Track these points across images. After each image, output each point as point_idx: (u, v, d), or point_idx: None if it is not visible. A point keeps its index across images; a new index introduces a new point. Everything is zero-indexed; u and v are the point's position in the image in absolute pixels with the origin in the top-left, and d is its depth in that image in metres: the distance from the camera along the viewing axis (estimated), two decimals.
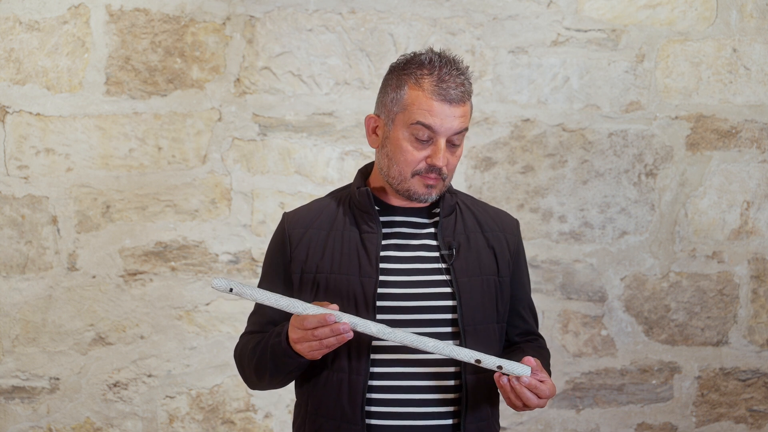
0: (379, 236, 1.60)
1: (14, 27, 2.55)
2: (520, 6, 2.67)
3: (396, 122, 1.58)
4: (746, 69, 2.74)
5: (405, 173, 1.57)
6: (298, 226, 1.65)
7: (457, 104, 1.54)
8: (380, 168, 1.63)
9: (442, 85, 1.54)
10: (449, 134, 1.55)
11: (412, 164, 1.56)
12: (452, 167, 1.59)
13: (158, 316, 2.60)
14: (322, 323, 1.45)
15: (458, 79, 1.55)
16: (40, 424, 2.59)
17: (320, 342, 1.47)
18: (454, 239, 1.62)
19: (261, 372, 1.60)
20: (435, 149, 1.55)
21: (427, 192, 1.58)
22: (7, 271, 2.57)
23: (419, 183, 1.57)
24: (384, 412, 1.56)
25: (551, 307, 2.69)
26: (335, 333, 1.45)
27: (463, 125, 1.57)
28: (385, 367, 1.56)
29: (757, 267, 2.77)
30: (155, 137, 2.59)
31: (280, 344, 1.53)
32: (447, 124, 1.54)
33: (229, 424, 2.63)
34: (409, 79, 1.57)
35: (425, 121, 1.54)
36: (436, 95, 1.54)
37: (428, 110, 1.54)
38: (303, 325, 1.47)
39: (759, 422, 2.78)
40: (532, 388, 1.49)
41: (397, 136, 1.58)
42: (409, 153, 1.56)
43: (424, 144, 1.56)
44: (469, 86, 1.58)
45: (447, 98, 1.54)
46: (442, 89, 1.54)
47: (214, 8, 2.60)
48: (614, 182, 2.71)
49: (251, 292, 1.50)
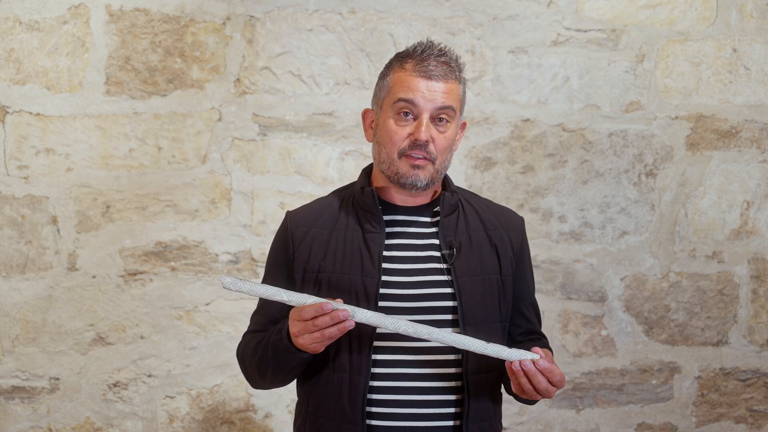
0: (382, 236, 1.60)
1: (14, 27, 2.55)
2: (520, 6, 2.67)
3: (383, 107, 1.61)
4: (746, 69, 2.74)
5: (392, 154, 1.58)
6: (301, 224, 1.65)
7: (438, 79, 1.56)
8: (375, 159, 1.64)
9: (422, 63, 1.57)
10: (431, 109, 1.56)
11: (397, 143, 1.57)
12: (441, 148, 1.59)
13: (158, 316, 2.60)
14: (320, 312, 1.45)
15: (440, 58, 1.58)
16: (40, 424, 2.59)
17: (321, 332, 1.46)
18: (455, 239, 1.62)
19: (263, 370, 1.60)
20: (417, 123, 1.56)
21: (415, 174, 1.57)
22: (7, 271, 2.57)
23: (406, 164, 1.58)
24: (385, 413, 1.56)
25: (551, 307, 2.69)
26: (335, 320, 1.45)
27: (447, 102, 1.57)
28: (387, 368, 1.56)
29: (757, 267, 2.77)
30: (155, 137, 2.59)
31: (281, 341, 1.53)
32: (428, 98, 1.55)
33: (229, 424, 2.63)
34: (394, 65, 1.61)
35: (405, 96, 1.56)
36: (416, 72, 1.57)
37: (408, 86, 1.56)
38: (301, 315, 1.46)
39: (759, 422, 2.78)
40: (546, 372, 1.49)
41: (384, 120, 1.60)
42: (393, 132, 1.58)
43: (408, 121, 1.57)
44: (455, 67, 1.60)
45: (427, 74, 1.56)
46: (423, 66, 1.57)
47: (214, 8, 2.60)
48: (614, 182, 2.71)
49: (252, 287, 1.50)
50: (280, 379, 1.62)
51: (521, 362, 1.47)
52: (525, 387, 1.50)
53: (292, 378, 1.64)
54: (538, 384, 1.49)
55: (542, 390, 1.50)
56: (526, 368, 1.47)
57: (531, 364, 1.47)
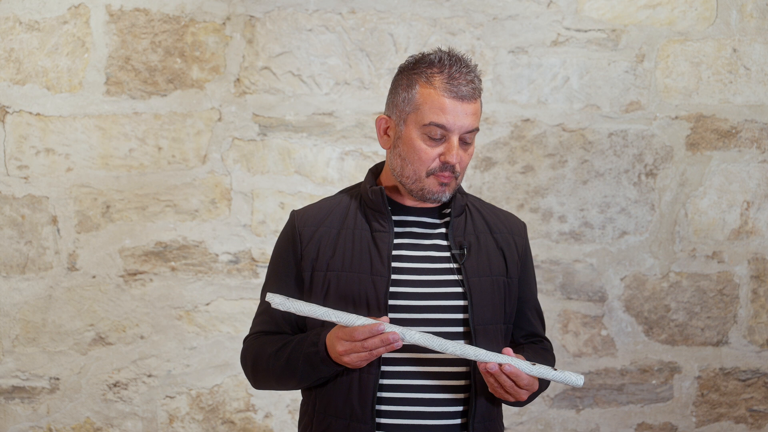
0: (391, 235, 1.60)
1: (14, 27, 2.55)
2: (520, 6, 2.67)
3: (408, 122, 1.59)
4: (746, 69, 2.74)
5: (420, 172, 1.58)
6: (308, 224, 1.65)
7: (468, 101, 1.56)
8: (393, 168, 1.63)
9: (453, 82, 1.55)
10: (462, 132, 1.56)
11: (426, 163, 1.57)
12: (464, 165, 1.60)
13: (158, 316, 2.60)
14: (372, 334, 1.47)
15: (468, 76, 1.56)
16: (40, 424, 2.59)
17: (370, 353, 1.48)
18: (464, 239, 1.63)
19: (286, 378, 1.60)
20: (448, 146, 1.56)
21: (441, 191, 1.59)
22: (7, 271, 2.57)
23: (434, 182, 1.58)
24: (393, 411, 1.56)
25: (551, 307, 2.69)
26: (385, 343, 1.47)
27: (475, 123, 1.58)
28: (396, 366, 1.57)
29: (757, 267, 2.77)
30: (155, 137, 2.59)
31: (317, 354, 1.53)
32: (459, 122, 1.55)
33: (229, 424, 2.63)
34: (419, 78, 1.58)
35: (438, 121, 1.55)
36: (447, 92, 1.55)
37: (440, 108, 1.55)
38: (353, 336, 1.48)
39: (759, 422, 2.78)
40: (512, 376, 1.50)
41: (410, 136, 1.58)
42: (423, 152, 1.57)
43: (437, 142, 1.57)
44: (479, 84, 1.59)
45: (459, 95, 1.55)
46: (453, 86, 1.55)
47: (214, 8, 2.60)
48: (614, 182, 2.71)
49: (301, 307, 1.52)
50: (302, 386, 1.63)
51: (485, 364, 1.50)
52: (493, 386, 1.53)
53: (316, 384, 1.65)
54: (504, 383, 1.51)
55: (508, 388, 1.52)
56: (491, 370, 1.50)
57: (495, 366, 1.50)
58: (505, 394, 1.53)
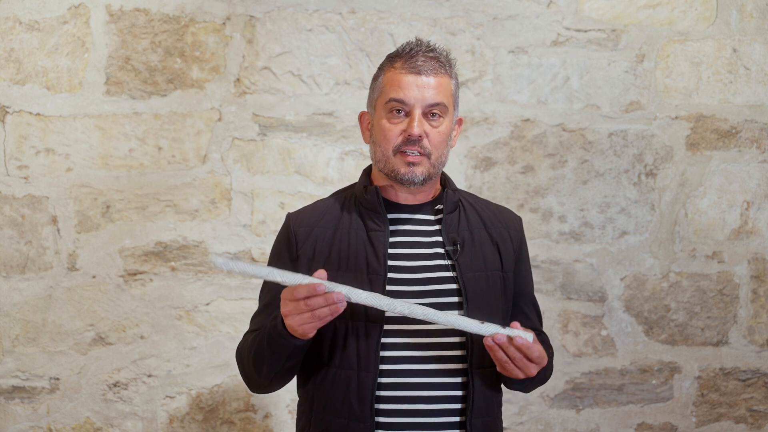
0: (386, 234, 1.61)
1: (14, 27, 2.55)
2: (520, 6, 2.67)
3: (377, 107, 1.63)
4: (746, 69, 2.74)
5: (387, 151, 1.60)
6: (303, 225, 1.66)
7: (427, 74, 1.59)
8: (372, 160, 1.66)
9: (410, 60, 1.59)
10: (423, 105, 1.59)
11: (391, 140, 1.60)
12: (435, 142, 1.61)
13: (158, 316, 2.60)
14: (313, 292, 1.43)
15: (428, 54, 1.60)
16: (40, 424, 2.59)
17: (312, 314, 1.44)
18: (458, 235, 1.64)
19: (259, 363, 1.59)
20: (410, 119, 1.59)
21: (410, 170, 1.60)
22: (7, 271, 2.57)
23: (401, 161, 1.60)
24: (392, 409, 1.57)
25: (551, 307, 2.69)
26: (329, 302, 1.43)
27: (437, 98, 1.59)
28: (394, 364, 1.57)
29: (757, 267, 2.77)
30: (155, 137, 2.59)
31: (276, 326, 1.52)
32: (418, 94, 1.58)
33: (229, 424, 2.63)
34: (385, 66, 1.64)
35: (396, 95, 1.58)
36: (405, 69, 1.59)
37: (398, 84, 1.59)
38: (293, 295, 1.44)
39: (759, 422, 2.78)
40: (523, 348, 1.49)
41: (378, 119, 1.62)
42: (387, 130, 1.60)
43: (401, 118, 1.60)
44: (445, 62, 1.62)
45: (416, 70, 1.58)
46: (411, 63, 1.59)
47: (214, 8, 2.60)
48: (614, 182, 2.71)
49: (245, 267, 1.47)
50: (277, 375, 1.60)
51: (493, 335, 1.48)
52: (501, 359, 1.51)
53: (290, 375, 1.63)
54: (513, 354, 1.49)
55: (517, 361, 1.50)
56: (499, 341, 1.48)
57: (503, 336, 1.48)
58: (515, 370, 1.52)
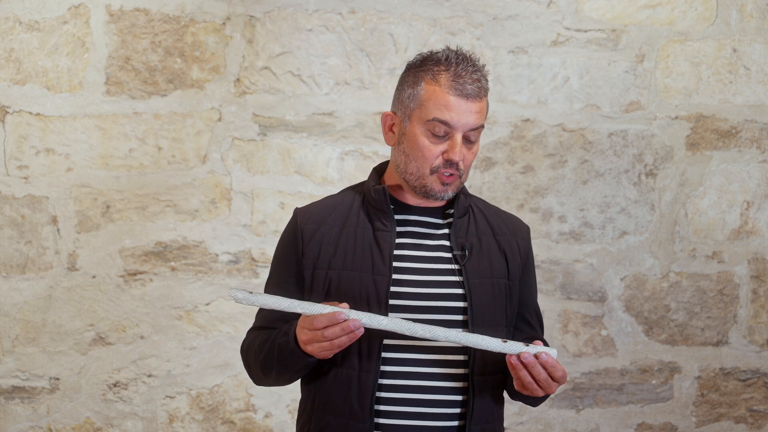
0: (393, 235, 1.60)
1: (14, 27, 2.55)
2: (520, 6, 2.67)
3: (413, 119, 1.59)
4: (746, 69, 2.74)
5: (423, 170, 1.58)
6: (310, 221, 1.65)
7: (473, 99, 1.56)
8: (396, 165, 1.63)
9: (458, 80, 1.55)
10: (465, 130, 1.56)
11: (430, 160, 1.57)
12: (468, 164, 1.60)
13: (158, 316, 2.60)
14: (332, 322, 1.45)
15: (474, 75, 1.56)
16: (40, 424, 2.59)
17: (331, 342, 1.47)
18: (467, 240, 1.63)
19: (267, 369, 1.60)
20: (452, 144, 1.56)
21: (444, 189, 1.59)
22: (7, 271, 2.57)
23: (436, 180, 1.58)
24: (392, 411, 1.56)
25: (551, 307, 2.69)
26: (346, 331, 1.45)
27: (479, 122, 1.57)
28: (395, 366, 1.57)
29: (757, 267, 2.77)
30: (155, 137, 2.59)
31: (288, 344, 1.53)
32: (463, 120, 1.55)
33: (229, 424, 2.63)
34: (425, 76, 1.58)
35: (442, 117, 1.55)
36: (452, 90, 1.55)
37: (444, 105, 1.55)
38: (312, 325, 1.46)
39: (759, 422, 2.78)
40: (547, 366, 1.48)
41: (414, 133, 1.58)
42: (426, 149, 1.57)
43: (440, 139, 1.57)
44: (486, 83, 1.59)
45: (463, 93, 1.55)
46: (459, 84, 1.55)
47: (214, 8, 2.60)
48: (614, 182, 2.71)
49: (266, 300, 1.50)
50: (284, 379, 1.62)
51: (519, 354, 1.47)
52: (525, 380, 1.50)
53: (298, 378, 1.64)
54: (538, 375, 1.48)
55: (542, 381, 1.49)
56: (525, 360, 1.48)
57: (530, 356, 1.47)
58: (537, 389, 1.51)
